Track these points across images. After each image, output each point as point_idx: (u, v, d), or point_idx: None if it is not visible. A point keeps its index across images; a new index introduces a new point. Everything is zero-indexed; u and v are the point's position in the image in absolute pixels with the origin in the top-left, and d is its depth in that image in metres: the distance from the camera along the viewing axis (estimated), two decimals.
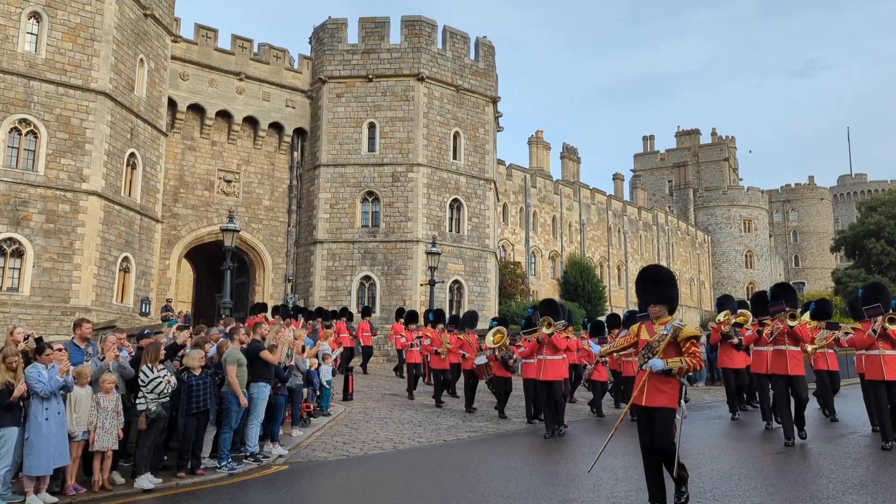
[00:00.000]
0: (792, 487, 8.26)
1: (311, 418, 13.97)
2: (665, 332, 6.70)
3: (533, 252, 53.84)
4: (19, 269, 25.45)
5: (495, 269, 38.50)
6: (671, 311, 6.94)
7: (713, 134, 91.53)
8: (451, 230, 35.98)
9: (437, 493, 8.31)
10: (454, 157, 36.59)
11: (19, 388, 7.92)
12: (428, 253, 31.05)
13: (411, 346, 19.64)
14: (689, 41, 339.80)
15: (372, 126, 35.46)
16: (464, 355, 17.03)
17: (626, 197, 77.76)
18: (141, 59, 30.04)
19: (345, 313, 25.09)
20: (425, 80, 35.52)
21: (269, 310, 23.70)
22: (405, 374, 20.50)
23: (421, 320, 23.02)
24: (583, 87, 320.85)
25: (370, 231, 34.87)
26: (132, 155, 29.37)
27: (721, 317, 14.44)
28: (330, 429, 13.29)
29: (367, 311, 26.85)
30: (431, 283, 29.46)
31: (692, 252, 75.37)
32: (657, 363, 6.59)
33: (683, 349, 6.65)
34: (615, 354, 11.70)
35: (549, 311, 13.36)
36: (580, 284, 51.73)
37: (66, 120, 26.69)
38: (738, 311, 15.24)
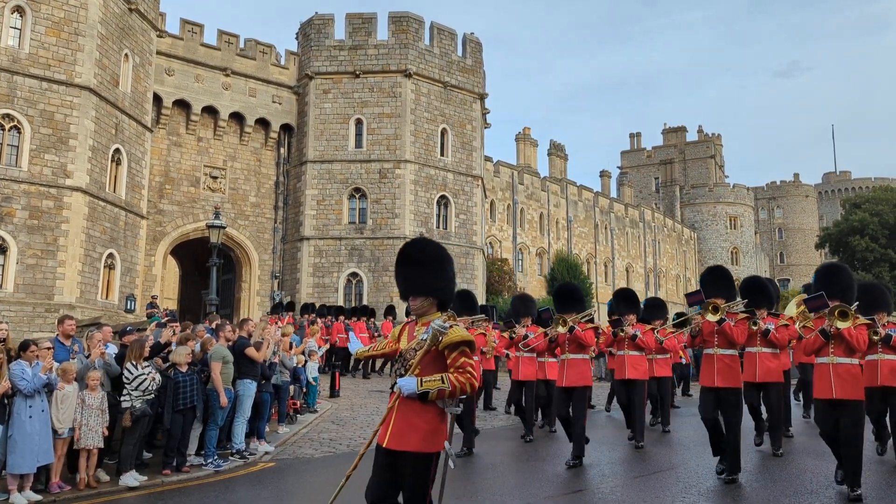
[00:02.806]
0: (776, 483, 8.32)
1: (298, 415, 13.93)
2: (424, 338, 4.57)
3: (520, 249, 53.90)
4: (2, 266, 25.23)
5: (483, 266, 38.53)
6: (442, 307, 4.83)
7: (699, 131, 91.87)
8: (438, 227, 35.97)
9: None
10: (441, 154, 36.57)
11: (2, 386, 7.86)
12: None
13: None
14: (674, 40, 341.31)
15: (359, 122, 35.38)
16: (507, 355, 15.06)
17: (613, 194, 77.96)
18: (126, 55, 29.82)
19: (391, 311, 24.59)
20: (412, 77, 35.47)
21: (298, 308, 23.44)
22: None
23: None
24: (570, 85, 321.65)
25: (357, 228, 34.80)
26: (117, 151, 29.16)
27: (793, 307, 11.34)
28: (317, 426, 13.27)
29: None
30: None
31: (678, 249, 75.70)
32: (408, 383, 4.46)
33: (449, 362, 4.48)
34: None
35: (463, 304, 11.05)
36: (568, 280, 51.84)
37: (50, 115, 26.47)
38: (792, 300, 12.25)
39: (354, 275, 34.30)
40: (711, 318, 8.15)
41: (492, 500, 7.74)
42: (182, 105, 33.89)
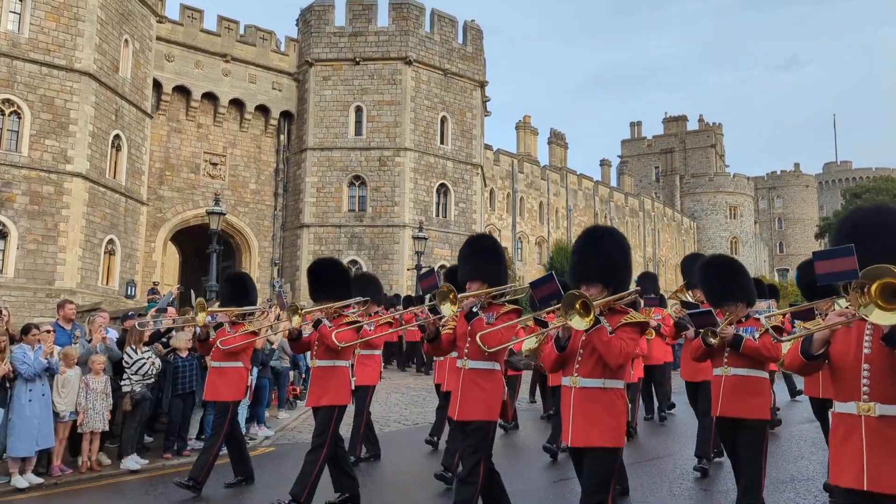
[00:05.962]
0: (772, 469, 8.38)
1: (298, 401, 14.00)
2: None
3: (519, 238, 53.92)
4: (3, 251, 25.28)
5: None
6: None
7: (700, 121, 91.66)
8: (437, 215, 35.98)
9: (420, 474, 8.38)
10: (441, 142, 36.53)
11: (2, 369, 7.89)
12: (414, 238, 31.06)
13: None
14: (675, 32, 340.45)
15: (359, 110, 35.33)
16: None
17: (613, 183, 77.88)
18: (126, 40, 29.74)
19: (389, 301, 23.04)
20: (413, 64, 35.39)
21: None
22: None
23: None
24: (571, 74, 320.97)
25: (357, 215, 34.82)
26: (117, 136, 29.15)
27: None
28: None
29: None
30: (418, 268, 29.49)
31: (678, 238, 75.72)
32: None
33: None
34: None
35: (234, 290, 8.42)
36: (566, 270, 51.74)
37: (50, 100, 26.43)
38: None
39: (354, 262, 34.33)
40: (448, 310, 5.16)
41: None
42: (182, 91, 33.83)
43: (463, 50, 37.89)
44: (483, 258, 5.67)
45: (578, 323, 4.14)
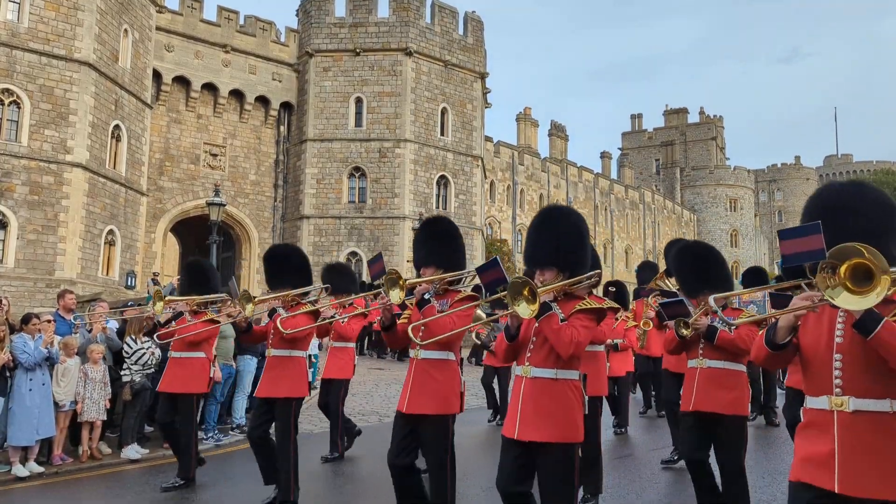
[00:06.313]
0: (769, 462, 8.43)
1: None
2: None
3: (519, 230, 53.92)
4: (3, 241, 25.29)
5: (482, 247, 38.58)
6: None
7: (701, 113, 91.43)
8: (437, 207, 35.96)
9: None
10: (441, 134, 36.49)
11: (2, 358, 7.91)
12: (414, 230, 31.07)
13: None
14: (676, 24, 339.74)
15: (359, 101, 35.28)
16: None
17: (614, 175, 77.79)
18: (125, 30, 29.67)
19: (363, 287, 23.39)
20: (413, 55, 35.31)
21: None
22: None
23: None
24: (572, 66, 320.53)
25: (357, 207, 34.81)
26: (117, 127, 29.11)
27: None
28: (316, 401, 13.36)
29: None
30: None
31: (678, 231, 75.68)
32: None
33: None
34: None
35: (193, 278, 7.97)
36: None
37: (50, 90, 26.38)
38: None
39: (354, 254, 34.36)
40: (396, 297, 4.81)
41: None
42: (182, 81, 33.76)
43: (463, 41, 37.80)
44: (438, 242, 5.27)
45: (524, 310, 3.86)
